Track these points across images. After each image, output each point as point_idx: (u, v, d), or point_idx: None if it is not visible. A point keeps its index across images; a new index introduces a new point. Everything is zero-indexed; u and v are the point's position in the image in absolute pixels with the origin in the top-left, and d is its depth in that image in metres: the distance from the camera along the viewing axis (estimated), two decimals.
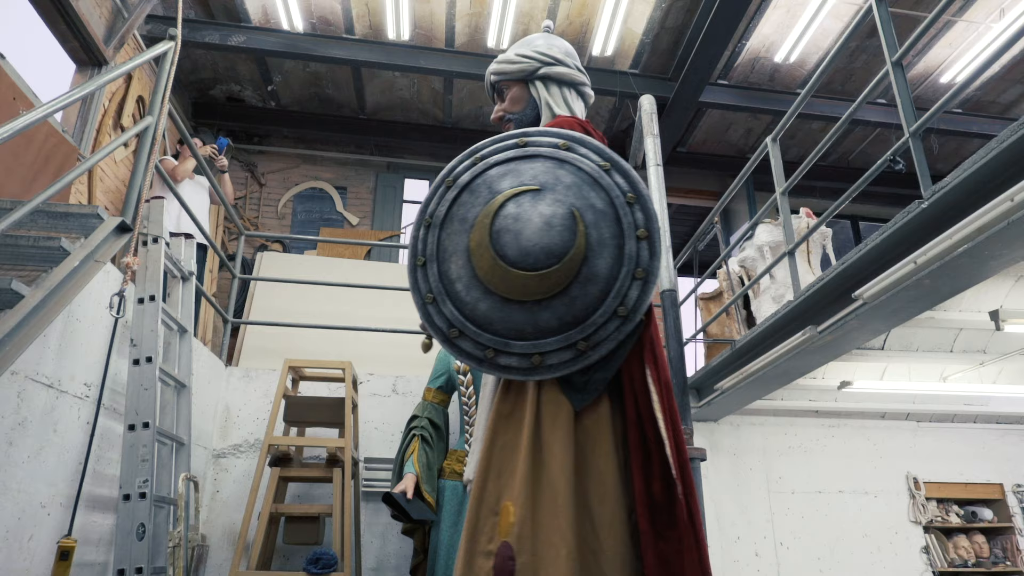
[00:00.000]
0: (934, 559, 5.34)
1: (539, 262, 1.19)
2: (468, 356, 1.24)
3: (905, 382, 4.89)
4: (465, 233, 1.25)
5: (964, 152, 7.83)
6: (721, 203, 4.68)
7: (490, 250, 1.21)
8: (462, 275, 1.24)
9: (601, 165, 1.29)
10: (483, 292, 1.23)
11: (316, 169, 7.60)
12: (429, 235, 1.29)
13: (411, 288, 1.28)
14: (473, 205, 1.26)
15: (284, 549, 3.89)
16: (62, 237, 2.39)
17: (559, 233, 1.20)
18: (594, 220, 1.23)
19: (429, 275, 1.27)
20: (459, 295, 1.24)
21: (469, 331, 1.24)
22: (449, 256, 1.26)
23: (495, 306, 1.22)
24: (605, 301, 1.22)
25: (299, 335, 4.87)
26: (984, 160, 2.38)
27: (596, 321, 1.21)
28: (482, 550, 1.16)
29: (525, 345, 1.22)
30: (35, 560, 2.40)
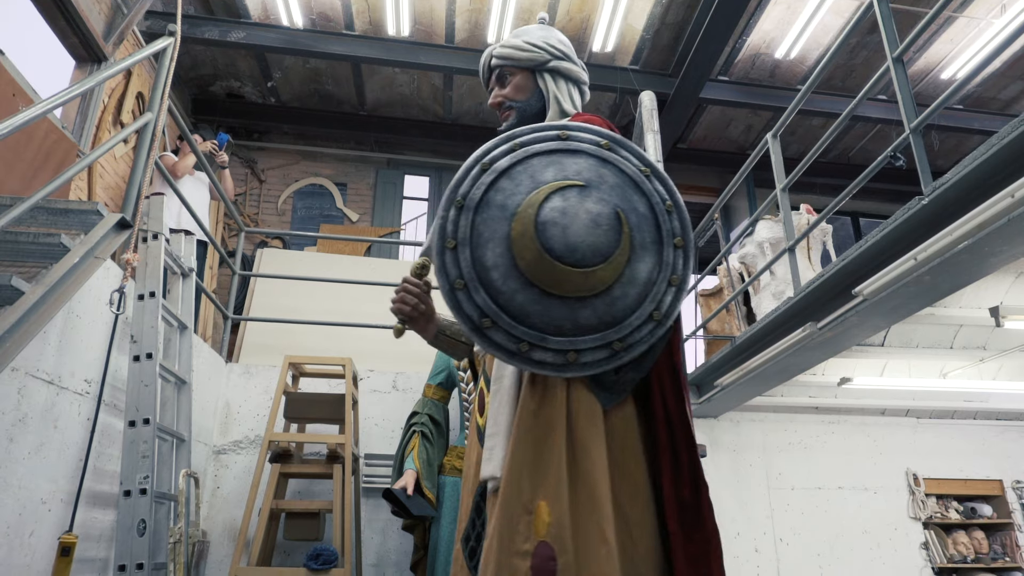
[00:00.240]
0: (933, 555, 5.35)
1: (585, 259, 1.18)
2: (499, 348, 1.19)
3: (905, 378, 4.90)
4: (505, 221, 1.20)
5: (965, 148, 7.82)
6: (721, 199, 4.67)
7: (536, 241, 1.17)
8: (499, 264, 1.19)
9: (642, 170, 1.29)
10: (522, 283, 1.19)
11: (316, 165, 7.59)
12: (461, 218, 1.22)
13: (437, 271, 1.21)
14: (514, 193, 1.22)
15: (284, 545, 3.90)
16: (62, 233, 2.39)
17: (605, 232, 1.20)
18: (637, 223, 1.23)
19: (460, 260, 1.20)
20: (494, 284, 1.19)
21: (503, 322, 1.19)
22: (485, 242, 1.20)
23: (534, 299, 1.19)
24: (643, 304, 1.23)
25: (299, 331, 4.88)
26: (984, 156, 2.38)
27: (633, 323, 1.21)
28: (517, 550, 1.13)
29: (562, 341, 1.19)
30: (36, 556, 2.41)
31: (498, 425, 1.28)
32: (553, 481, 1.17)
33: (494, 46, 1.63)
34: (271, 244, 6.64)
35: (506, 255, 1.19)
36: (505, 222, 1.20)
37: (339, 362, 3.98)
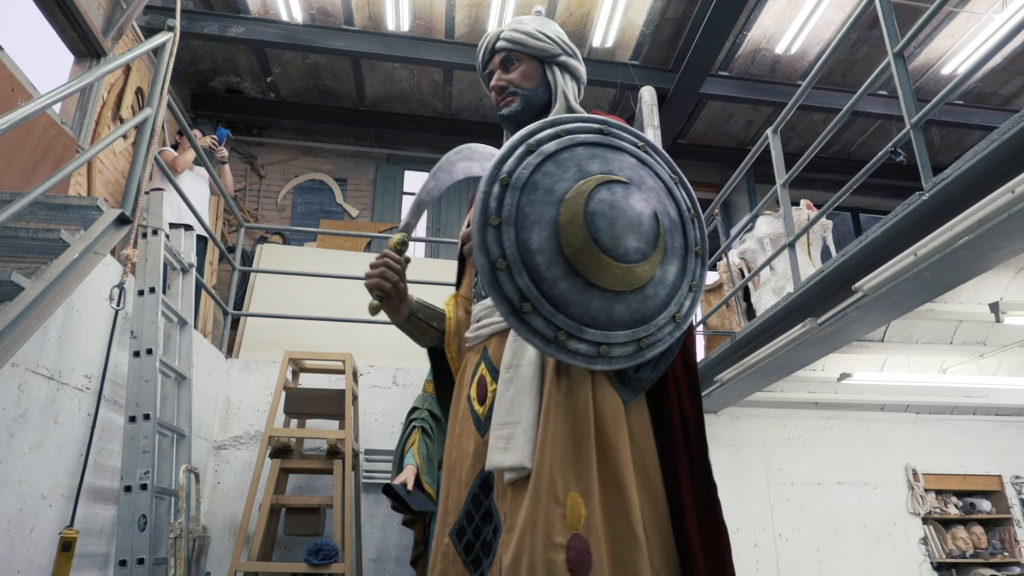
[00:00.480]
0: (932, 550, 5.36)
1: (628, 255, 1.18)
2: (536, 334, 1.17)
3: (905, 374, 4.90)
4: (553, 205, 1.18)
5: (965, 144, 7.81)
6: (721, 195, 4.67)
7: (584, 230, 1.16)
8: (545, 248, 1.17)
9: (672, 177, 1.31)
10: (566, 271, 1.17)
11: (316, 161, 7.59)
12: (507, 196, 1.19)
13: (477, 247, 1.17)
14: (562, 179, 1.20)
15: (285, 540, 3.91)
16: (61, 229, 2.39)
17: (646, 232, 1.21)
18: (670, 228, 1.25)
19: (504, 239, 1.16)
20: (538, 268, 1.16)
21: (544, 309, 1.16)
22: (531, 225, 1.17)
23: (575, 288, 1.17)
24: (668, 306, 1.25)
25: (299, 327, 4.88)
26: (985, 152, 2.37)
27: (659, 322, 1.23)
28: (552, 542, 1.12)
29: (596, 334, 1.18)
30: (37, 551, 2.42)
31: (516, 415, 1.24)
32: (585, 474, 1.18)
33: (502, 28, 1.59)
34: (271, 240, 6.63)
35: (552, 240, 1.17)
36: (553, 207, 1.18)
37: (339, 358, 3.99)
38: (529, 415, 1.24)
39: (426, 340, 1.61)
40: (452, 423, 1.48)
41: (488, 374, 1.40)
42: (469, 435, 1.40)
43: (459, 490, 1.38)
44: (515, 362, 1.31)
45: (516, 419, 1.24)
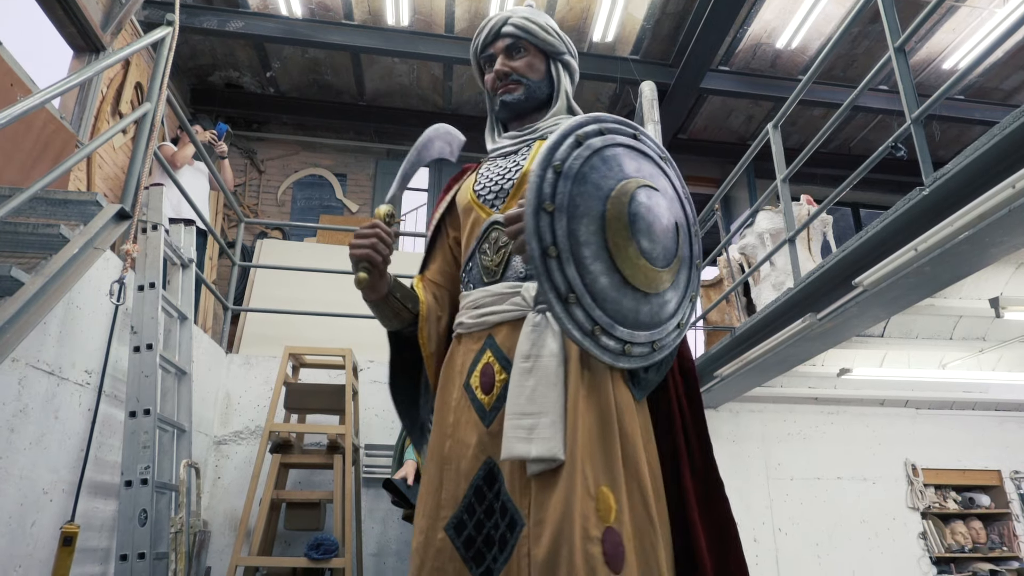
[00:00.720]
0: (931, 544, 5.37)
1: (659, 259, 1.22)
2: (576, 325, 1.17)
3: (904, 369, 4.90)
4: (601, 200, 1.19)
5: (966, 139, 7.80)
6: (722, 190, 4.66)
7: (628, 229, 1.18)
8: (591, 242, 1.18)
9: (682, 191, 1.36)
10: (608, 267, 1.19)
11: (315, 156, 7.58)
12: (560, 183, 1.18)
13: (530, 232, 1.15)
14: (607, 176, 1.21)
15: (285, 535, 3.91)
16: (61, 224, 2.39)
17: (672, 239, 1.25)
18: (684, 239, 1.31)
19: (557, 227, 1.16)
20: (584, 261, 1.17)
21: (585, 302, 1.17)
22: (580, 216, 1.18)
23: (614, 285, 1.19)
24: (677, 312, 1.30)
25: (299, 322, 4.88)
26: (986, 147, 2.37)
27: (668, 327, 1.28)
28: (589, 535, 1.12)
29: (624, 332, 1.21)
30: (38, 545, 2.42)
31: (539, 405, 1.23)
32: (612, 467, 1.20)
33: (510, 13, 1.57)
34: (271, 235, 6.63)
35: (599, 235, 1.18)
36: (600, 201, 1.19)
37: (339, 353, 3.99)
38: (556, 407, 1.22)
39: (396, 322, 1.54)
40: (443, 412, 1.43)
41: (497, 363, 1.37)
42: (469, 425, 1.37)
43: (456, 482, 1.33)
44: (535, 352, 1.28)
45: (539, 410, 1.22)
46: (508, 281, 1.41)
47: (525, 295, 1.36)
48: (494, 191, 1.49)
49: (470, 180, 1.57)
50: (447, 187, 1.69)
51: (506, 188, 1.47)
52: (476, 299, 1.45)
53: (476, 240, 1.48)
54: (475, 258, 1.48)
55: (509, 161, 1.52)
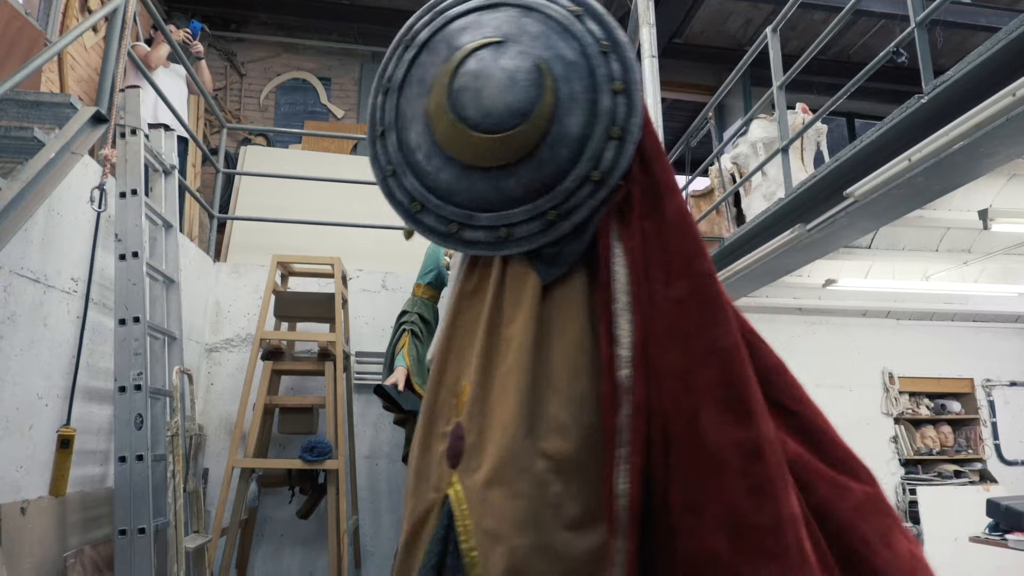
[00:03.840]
0: (901, 447, 5.62)
1: (503, 122, 1.06)
2: (431, 231, 1.14)
3: (889, 280, 4.97)
4: (423, 96, 1.12)
5: (968, 47, 7.59)
6: (716, 98, 4.56)
7: (448, 112, 1.07)
8: (422, 143, 1.12)
9: (572, 11, 1.14)
10: (444, 160, 1.11)
11: (298, 59, 7.29)
12: (387, 101, 1.16)
13: (371, 161, 1.17)
14: (432, 65, 1.13)
15: (280, 438, 4.02)
16: (35, 127, 2.31)
17: (523, 89, 1.07)
18: (563, 73, 1.10)
19: (388, 145, 1.16)
20: (420, 165, 1.13)
21: (431, 204, 1.13)
22: (409, 123, 1.14)
23: (457, 175, 1.11)
24: (577, 164, 1.09)
25: (286, 231, 4.83)
26: (990, 52, 2.31)
27: (568, 187, 1.09)
28: (439, 432, 1.11)
29: (491, 217, 1.10)
30: (38, 448, 2.48)
31: (444, 310, 1.25)
32: (475, 361, 1.11)
33: None
34: (255, 141, 6.46)
35: (426, 132, 1.12)
36: (423, 98, 1.12)
37: (328, 261, 3.97)
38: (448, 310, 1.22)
39: None
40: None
41: None
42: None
43: None
44: (454, 263, 1.29)
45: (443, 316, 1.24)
46: None
47: None
48: None
49: None
50: None
51: None
52: None
53: None
54: None
55: None
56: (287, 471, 3.68)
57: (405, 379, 3.29)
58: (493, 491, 1.00)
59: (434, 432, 1.11)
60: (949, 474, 5.60)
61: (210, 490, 3.83)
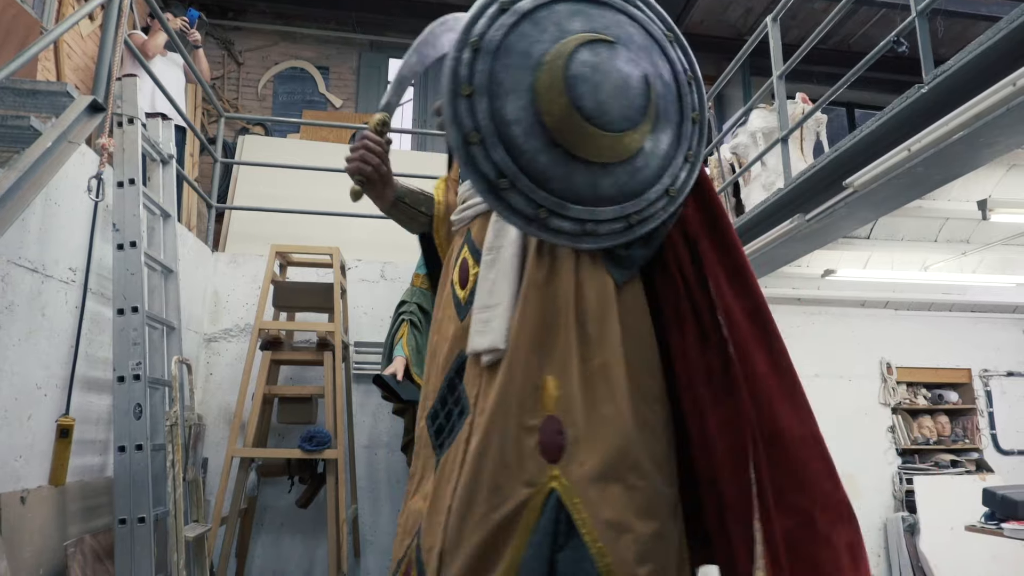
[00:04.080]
0: (898, 437, 5.63)
1: (616, 123, 1.09)
2: (516, 212, 1.10)
3: (888, 271, 4.97)
4: (529, 71, 1.08)
5: (969, 36, 7.57)
6: (716, 87, 4.54)
7: (565, 96, 1.07)
8: (522, 119, 1.08)
9: (666, 34, 1.20)
10: (546, 143, 1.09)
11: (296, 48, 7.25)
12: (478, 62, 1.07)
13: (449, 120, 1.07)
14: (538, 40, 1.09)
15: (279, 428, 4.03)
16: (31, 116, 2.30)
17: (636, 97, 1.11)
18: (662, 92, 1.16)
19: (477, 110, 1.07)
20: (515, 140, 1.08)
21: (522, 184, 1.09)
22: (506, 93, 1.08)
23: (557, 161, 1.09)
24: (661, 178, 1.17)
25: (285, 221, 4.82)
26: (991, 42, 2.30)
27: (650, 197, 1.16)
28: (524, 425, 1.10)
29: (581, 210, 1.11)
30: (37, 437, 2.48)
31: (495, 297, 1.19)
32: (560, 355, 1.14)
33: None
34: (253, 131, 6.43)
35: (529, 109, 1.08)
36: (529, 72, 1.08)
37: (326, 251, 3.97)
38: (507, 297, 1.18)
39: (416, 226, 1.53)
40: (436, 309, 1.44)
41: (471, 257, 1.33)
42: (450, 320, 1.35)
43: (437, 375, 1.34)
44: (497, 244, 1.23)
45: (496, 302, 1.19)
46: None
47: None
48: None
49: None
50: None
51: None
52: (462, 194, 1.42)
53: None
54: None
55: None
56: (286, 460, 3.69)
57: (404, 369, 3.29)
58: (609, 485, 1.06)
59: (519, 424, 1.10)
60: (946, 463, 5.62)
61: (210, 479, 3.84)
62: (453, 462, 1.18)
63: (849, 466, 5.36)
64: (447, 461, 1.20)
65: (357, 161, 1.33)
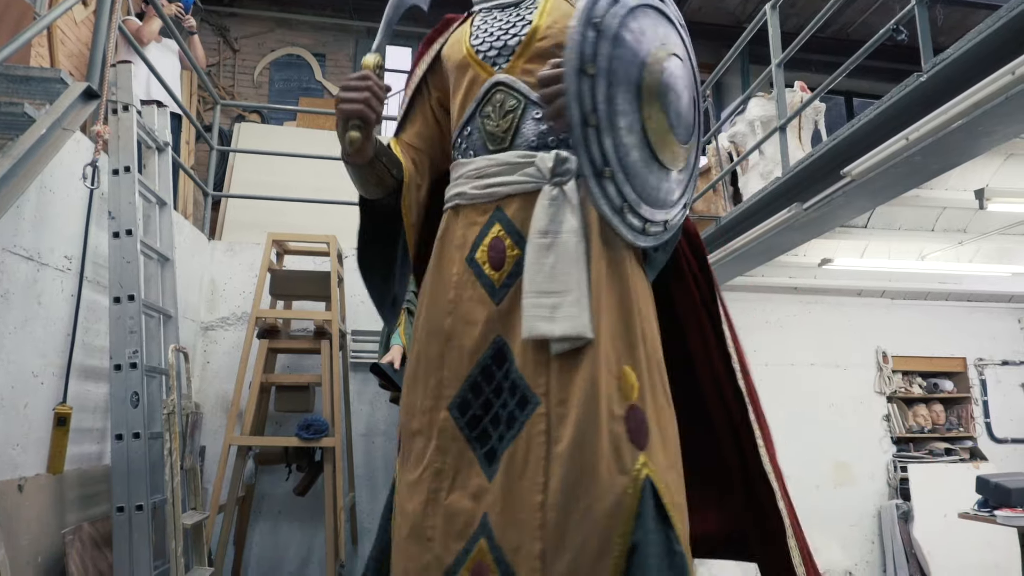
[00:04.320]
0: (893, 425, 5.66)
1: (682, 134, 1.16)
2: (608, 202, 1.10)
3: (885, 260, 4.97)
4: (636, 67, 1.08)
5: (968, 24, 7.54)
6: (714, 75, 4.52)
7: (660, 100, 1.09)
8: (628, 112, 1.08)
9: (694, 63, 1.26)
10: (640, 141, 1.10)
11: (292, 34, 7.20)
12: (601, 44, 1.05)
13: (573, 96, 1.04)
14: (641, 40, 1.09)
15: (276, 416, 4.03)
16: (25, 103, 2.28)
17: (692, 113, 1.19)
18: (697, 117, 1.25)
19: (597, 93, 1.05)
20: (620, 133, 1.07)
21: (618, 178, 1.10)
22: (619, 83, 1.06)
23: (643, 161, 1.11)
24: (686, 192, 1.26)
25: (282, 209, 4.81)
26: (990, 30, 2.29)
27: (678, 206, 1.24)
28: (615, 415, 1.11)
29: (647, 211, 1.15)
30: (34, 426, 2.48)
31: (559, 283, 1.16)
32: (634, 346, 1.17)
33: None
34: (249, 118, 6.40)
35: (635, 104, 1.09)
36: (636, 68, 1.08)
37: (323, 240, 3.96)
38: (580, 284, 1.15)
39: (378, 189, 1.37)
40: (439, 288, 1.33)
41: (508, 237, 1.27)
42: (474, 302, 1.28)
43: (459, 361, 1.27)
44: (553, 228, 1.19)
45: (562, 288, 1.16)
46: (518, 150, 1.29)
47: (540, 166, 1.24)
48: (496, 47, 1.33)
49: (462, 33, 1.40)
50: (427, 40, 1.51)
51: (511, 45, 1.32)
52: (480, 168, 1.32)
53: (475, 102, 1.34)
54: (475, 122, 1.34)
55: (511, 14, 1.36)
56: (284, 449, 3.69)
57: (401, 357, 3.29)
58: (672, 471, 1.16)
59: (609, 414, 1.11)
60: (940, 452, 5.65)
61: (207, 467, 3.84)
62: (527, 456, 1.14)
63: (844, 454, 5.40)
64: (514, 456, 1.16)
65: (361, 104, 1.19)
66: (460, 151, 1.38)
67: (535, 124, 1.28)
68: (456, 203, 1.35)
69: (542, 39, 1.29)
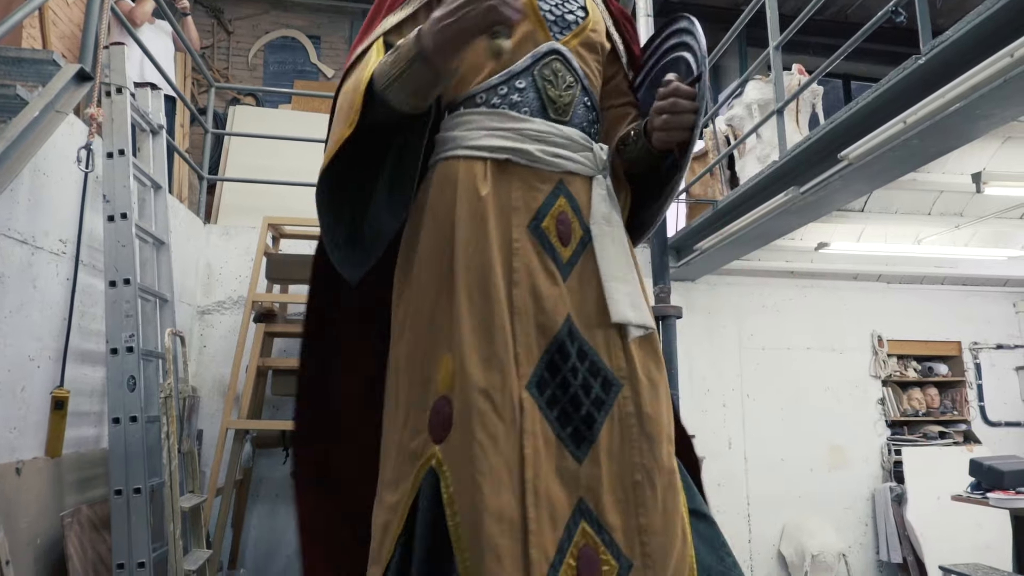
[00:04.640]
0: (888, 409, 5.69)
1: None
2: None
3: (881, 244, 4.98)
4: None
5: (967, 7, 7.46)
6: (712, 58, 4.48)
7: None
8: None
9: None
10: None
11: (287, 16, 7.13)
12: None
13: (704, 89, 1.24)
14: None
15: (273, 400, 4.04)
16: (17, 85, 2.26)
17: None
18: None
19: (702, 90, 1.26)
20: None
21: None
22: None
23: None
24: None
25: (277, 192, 4.78)
26: (990, 11, 2.28)
27: None
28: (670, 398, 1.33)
29: None
30: (31, 409, 2.48)
31: (625, 272, 1.26)
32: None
33: None
34: (244, 101, 6.35)
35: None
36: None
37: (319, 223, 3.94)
38: (637, 278, 1.29)
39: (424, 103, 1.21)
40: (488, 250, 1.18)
41: (573, 215, 1.25)
42: (545, 274, 1.20)
43: (530, 336, 1.17)
44: (612, 218, 1.26)
45: (632, 278, 1.27)
46: (577, 128, 1.30)
47: (598, 155, 1.29)
48: (555, 14, 1.33)
49: None
50: None
51: (569, 20, 1.34)
52: (543, 132, 1.25)
53: (532, 58, 1.28)
54: (531, 79, 1.27)
55: None
56: (281, 432, 3.70)
57: None
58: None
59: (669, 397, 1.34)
60: (934, 435, 5.69)
61: (205, 451, 3.85)
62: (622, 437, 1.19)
63: (839, 437, 5.43)
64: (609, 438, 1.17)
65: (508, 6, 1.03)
66: (504, 99, 1.27)
67: (585, 110, 1.34)
68: (507, 157, 1.23)
69: (592, 31, 1.37)
